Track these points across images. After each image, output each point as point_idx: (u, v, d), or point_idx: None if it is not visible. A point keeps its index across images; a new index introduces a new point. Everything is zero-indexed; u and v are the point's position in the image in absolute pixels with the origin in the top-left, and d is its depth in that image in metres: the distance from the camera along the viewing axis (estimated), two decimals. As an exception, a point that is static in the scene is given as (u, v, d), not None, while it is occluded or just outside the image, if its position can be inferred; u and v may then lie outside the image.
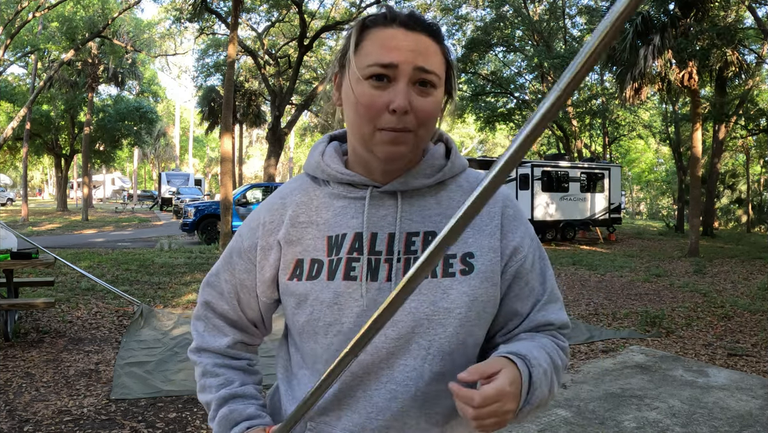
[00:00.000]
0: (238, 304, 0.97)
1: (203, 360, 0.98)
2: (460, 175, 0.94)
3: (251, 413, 0.93)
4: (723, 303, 7.34)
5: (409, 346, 0.84)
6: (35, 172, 58.31)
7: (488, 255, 0.88)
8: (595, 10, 21.31)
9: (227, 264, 0.98)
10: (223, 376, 0.96)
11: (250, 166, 53.76)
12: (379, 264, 0.86)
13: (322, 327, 0.86)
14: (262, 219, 0.94)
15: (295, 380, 0.94)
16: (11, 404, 3.55)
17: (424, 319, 0.84)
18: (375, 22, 0.84)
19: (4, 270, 5.01)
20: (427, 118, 0.82)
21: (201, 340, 0.99)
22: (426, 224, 0.88)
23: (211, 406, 0.95)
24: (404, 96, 0.79)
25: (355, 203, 0.89)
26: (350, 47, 0.84)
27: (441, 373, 0.85)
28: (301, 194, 0.93)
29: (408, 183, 0.88)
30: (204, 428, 3.28)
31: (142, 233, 17.81)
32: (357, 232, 0.87)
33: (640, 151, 40.73)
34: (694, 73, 12.83)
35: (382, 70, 0.80)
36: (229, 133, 13.02)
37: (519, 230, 0.92)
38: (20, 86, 27.47)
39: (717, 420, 3.50)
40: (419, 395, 0.84)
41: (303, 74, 26.48)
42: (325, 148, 0.95)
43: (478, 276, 0.86)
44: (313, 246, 0.89)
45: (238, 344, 0.99)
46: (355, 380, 0.86)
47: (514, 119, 25.15)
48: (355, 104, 0.82)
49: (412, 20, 0.83)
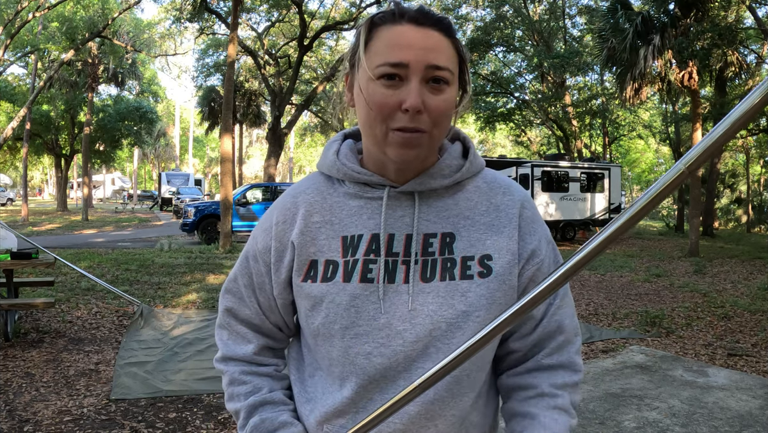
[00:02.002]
0: (260, 308, 0.95)
1: (230, 369, 0.96)
2: (478, 175, 0.92)
3: (284, 421, 0.90)
4: (723, 303, 7.34)
5: (427, 349, 0.83)
6: (35, 172, 58.31)
7: (506, 257, 0.86)
8: (595, 10, 21.31)
9: (244, 268, 0.95)
10: (250, 383, 0.94)
11: (250, 166, 53.76)
12: (396, 266, 0.85)
13: (338, 330, 0.84)
14: (275, 219, 0.92)
15: (310, 381, 0.92)
16: (11, 404, 3.55)
17: (443, 322, 0.82)
18: (383, 20, 0.82)
19: (4, 270, 5.01)
20: (441, 116, 0.81)
21: (226, 348, 0.97)
22: (444, 225, 0.87)
23: (241, 415, 0.92)
24: (417, 95, 0.78)
25: (371, 203, 0.87)
26: (360, 47, 0.82)
27: (458, 376, 0.84)
28: (314, 193, 0.91)
29: (425, 183, 0.87)
30: (204, 428, 3.28)
31: (142, 233, 17.81)
32: (374, 233, 0.86)
33: (640, 151, 40.74)
34: (694, 74, 12.83)
35: (392, 69, 0.78)
36: (229, 133, 13.02)
37: (537, 232, 0.90)
38: (20, 86, 27.48)
39: (717, 420, 3.50)
40: (436, 398, 0.83)
41: (303, 74, 26.48)
42: (339, 146, 0.93)
43: (497, 279, 0.85)
44: (328, 246, 0.87)
45: (263, 350, 0.97)
46: (372, 383, 0.84)
47: (514, 119, 25.16)
48: (367, 105, 0.81)
49: (422, 15, 0.81)
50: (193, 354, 4.67)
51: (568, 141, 23.51)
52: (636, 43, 12.52)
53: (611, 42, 13.22)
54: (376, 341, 0.83)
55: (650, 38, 12.36)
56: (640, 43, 12.52)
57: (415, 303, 0.83)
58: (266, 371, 0.96)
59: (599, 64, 19.10)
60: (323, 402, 0.88)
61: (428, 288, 0.84)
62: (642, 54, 12.40)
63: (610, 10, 13.65)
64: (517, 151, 33.30)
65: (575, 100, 24.38)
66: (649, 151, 40.53)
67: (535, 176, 16.16)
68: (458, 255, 0.85)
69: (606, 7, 14.79)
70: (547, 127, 26.14)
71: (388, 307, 0.83)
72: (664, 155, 40.20)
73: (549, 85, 23.40)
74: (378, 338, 0.83)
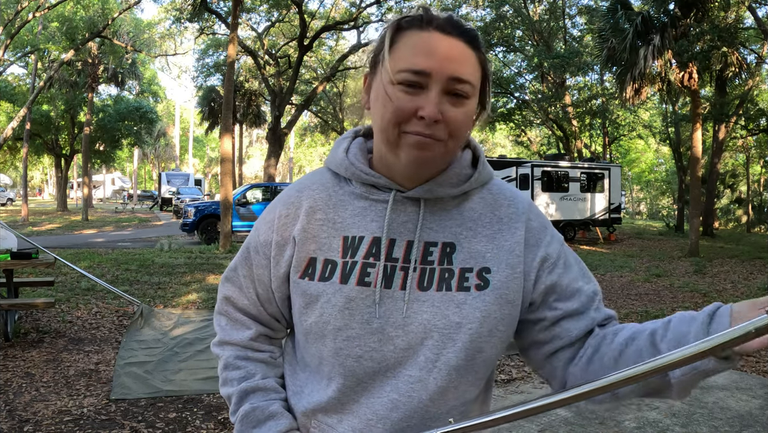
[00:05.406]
0: (258, 299, 0.94)
1: (225, 353, 0.96)
2: (485, 185, 0.91)
3: (274, 411, 0.90)
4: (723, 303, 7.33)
5: (416, 357, 0.82)
6: (35, 172, 58.31)
7: (505, 271, 0.85)
8: (595, 10, 21.31)
9: (244, 259, 0.95)
10: (244, 369, 0.94)
11: (250, 166, 53.76)
12: (394, 271, 0.84)
13: (330, 331, 0.84)
14: (278, 212, 0.91)
15: (301, 375, 0.93)
16: (11, 404, 3.55)
17: (435, 331, 0.82)
18: (411, 24, 0.81)
19: (4, 270, 5.01)
20: (458, 129, 0.80)
21: (224, 333, 0.98)
22: (445, 235, 0.86)
23: (232, 400, 0.92)
24: (435, 105, 0.77)
25: (376, 206, 0.87)
26: (385, 48, 0.81)
27: (445, 387, 0.83)
28: (320, 189, 0.91)
29: (433, 191, 0.86)
30: (204, 429, 3.28)
31: (142, 233, 17.81)
32: (375, 236, 0.85)
33: (640, 151, 40.75)
34: (694, 74, 12.83)
35: (414, 77, 0.78)
36: (229, 133, 13.03)
37: (544, 239, 0.89)
38: (20, 86, 27.47)
39: (717, 420, 3.50)
40: (421, 407, 0.83)
41: (303, 74, 26.48)
42: (349, 144, 0.92)
43: (493, 292, 0.84)
44: (328, 245, 0.86)
45: (260, 337, 0.97)
46: (360, 384, 0.84)
47: (514, 119, 25.16)
48: (384, 106, 0.80)
49: (450, 25, 0.80)
50: (193, 354, 4.67)
51: (568, 141, 23.51)
52: (636, 43, 12.52)
53: (611, 42, 13.23)
54: (368, 345, 0.82)
55: (650, 38, 12.37)
56: (640, 43, 12.52)
57: (409, 311, 0.83)
58: (261, 357, 0.96)
59: (599, 64, 19.13)
60: (309, 399, 0.88)
61: (424, 297, 0.83)
62: (642, 54, 12.40)
63: (610, 10, 13.66)
64: (517, 151, 33.29)
65: (575, 100, 24.37)
66: (649, 151, 40.53)
67: (535, 176, 16.17)
68: (457, 266, 0.84)
69: (606, 7, 14.80)
70: (547, 127, 26.15)
71: (383, 312, 0.82)
72: (664, 155, 40.20)
73: (549, 85, 23.40)
74: (370, 342, 0.82)
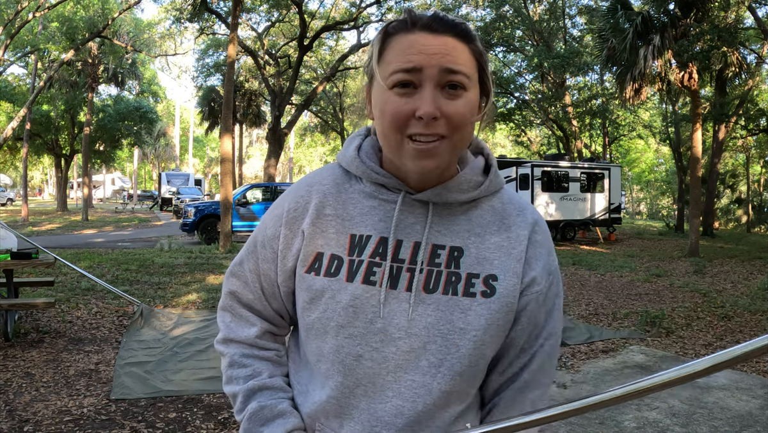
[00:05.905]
0: (263, 294, 0.94)
1: (230, 351, 0.95)
2: (495, 194, 0.90)
3: (283, 410, 0.89)
4: (723, 303, 7.34)
5: (419, 361, 0.81)
6: (35, 173, 58.30)
7: (511, 279, 0.85)
8: (595, 10, 21.31)
9: (251, 253, 0.95)
10: (250, 367, 0.92)
11: (250, 166, 53.76)
12: (400, 272, 0.83)
13: (333, 328, 0.83)
14: (287, 206, 0.91)
15: (301, 378, 0.92)
16: (11, 404, 3.55)
17: (438, 336, 0.81)
18: (397, 29, 0.80)
19: (4, 270, 5.01)
20: (461, 122, 0.78)
21: (228, 330, 0.96)
22: (453, 239, 0.85)
23: (238, 398, 0.91)
24: (431, 102, 0.76)
25: (385, 206, 0.87)
26: (374, 57, 0.81)
27: (449, 392, 0.83)
28: (330, 185, 0.90)
29: (442, 195, 0.85)
30: (204, 429, 3.28)
31: (142, 233, 17.80)
32: (382, 236, 0.85)
33: (640, 151, 40.76)
34: (694, 74, 12.83)
35: (405, 76, 0.77)
36: (229, 133, 13.03)
37: (542, 260, 0.88)
38: (20, 86, 27.46)
39: (717, 420, 3.50)
40: (425, 412, 0.82)
41: (303, 74, 26.49)
42: (362, 142, 0.92)
43: (499, 300, 0.83)
44: (336, 241, 0.86)
45: (265, 334, 0.96)
46: (360, 388, 0.83)
47: (514, 119, 25.15)
48: (382, 113, 0.80)
49: (435, 22, 0.79)
50: (193, 354, 4.67)
51: (568, 141, 23.51)
52: (636, 43, 12.52)
53: (611, 42, 13.22)
54: (369, 345, 0.82)
55: (650, 38, 12.36)
56: (640, 43, 12.52)
57: (414, 313, 0.82)
58: (267, 355, 0.95)
59: (599, 64, 19.12)
60: (311, 398, 0.88)
61: (429, 299, 0.82)
62: (642, 54, 12.40)
63: (610, 10, 13.65)
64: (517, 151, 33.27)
65: (575, 100, 24.37)
66: (649, 151, 40.53)
67: (535, 176, 16.16)
68: (464, 271, 0.84)
69: (606, 7, 14.78)
70: (547, 127, 26.15)
71: (387, 312, 0.82)
72: (664, 155, 40.21)
73: (549, 85, 23.39)
74: (372, 342, 0.82)
